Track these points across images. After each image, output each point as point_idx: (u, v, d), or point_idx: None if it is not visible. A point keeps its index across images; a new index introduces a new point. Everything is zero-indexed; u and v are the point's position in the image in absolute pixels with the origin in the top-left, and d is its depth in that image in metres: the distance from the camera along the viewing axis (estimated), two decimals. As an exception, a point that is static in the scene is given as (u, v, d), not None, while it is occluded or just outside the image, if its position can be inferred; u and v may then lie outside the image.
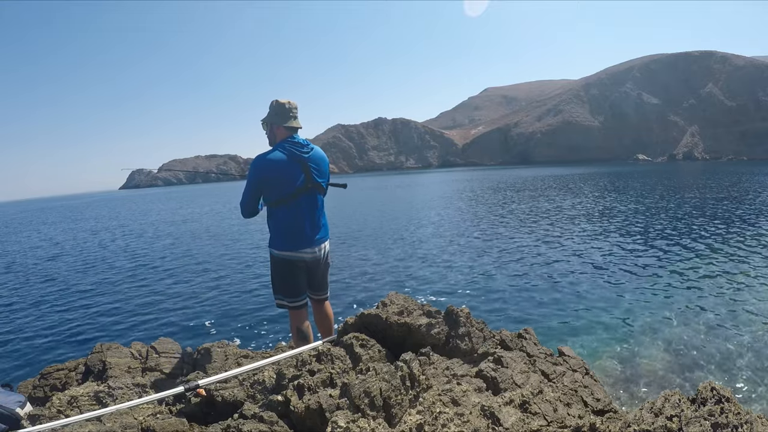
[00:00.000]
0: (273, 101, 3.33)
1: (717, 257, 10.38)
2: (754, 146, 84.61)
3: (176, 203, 50.72)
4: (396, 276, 10.37)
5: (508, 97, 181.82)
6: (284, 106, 3.27)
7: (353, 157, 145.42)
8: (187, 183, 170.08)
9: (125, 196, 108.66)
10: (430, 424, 2.13)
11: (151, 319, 8.28)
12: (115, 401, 2.69)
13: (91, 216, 41.38)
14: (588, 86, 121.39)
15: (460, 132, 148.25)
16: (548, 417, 2.32)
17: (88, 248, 18.69)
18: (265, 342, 6.74)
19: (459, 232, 16.15)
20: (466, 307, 3.11)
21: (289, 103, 3.29)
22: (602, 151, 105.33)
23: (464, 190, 37.63)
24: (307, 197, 3.25)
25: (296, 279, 3.30)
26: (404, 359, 2.41)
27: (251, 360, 3.54)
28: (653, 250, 11.45)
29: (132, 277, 12.22)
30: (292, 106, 3.29)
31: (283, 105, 3.28)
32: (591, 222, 16.66)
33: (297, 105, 3.33)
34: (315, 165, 3.26)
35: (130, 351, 3.85)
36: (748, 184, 28.89)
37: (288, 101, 3.30)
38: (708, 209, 18.17)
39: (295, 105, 3.30)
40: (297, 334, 3.37)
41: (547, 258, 11.24)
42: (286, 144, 3.20)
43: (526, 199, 26.55)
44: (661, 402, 2.24)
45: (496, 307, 7.83)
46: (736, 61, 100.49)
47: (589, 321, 6.95)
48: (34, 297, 10.74)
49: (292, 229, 3.23)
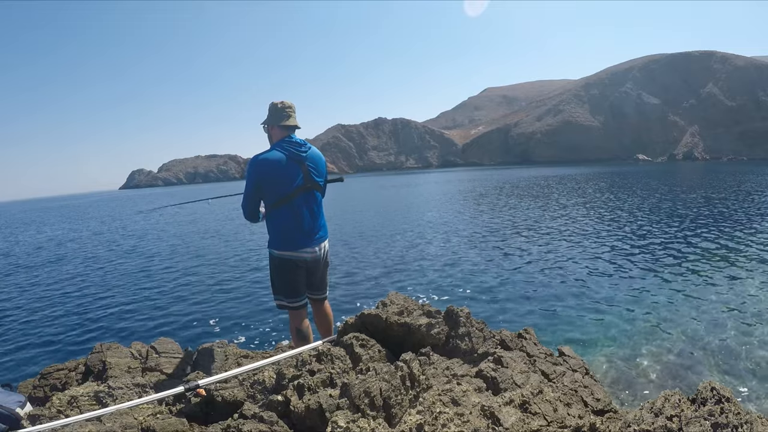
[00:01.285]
0: (270, 103, 3.35)
1: (717, 257, 10.38)
2: (754, 146, 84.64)
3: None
4: (396, 276, 10.37)
5: (508, 97, 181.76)
6: (278, 106, 3.29)
7: (353, 157, 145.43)
8: (187, 183, 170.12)
9: (126, 196, 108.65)
10: (430, 424, 2.13)
11: (151, 319, 8.28)
12: (115, 401, 2.69)
13: (92, 216, 41.38)
14: (588, 86, 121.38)
15: (460, 132, 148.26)
16: (548, 417, 2.32)
17: (89, 248, 18.69)
18: (265, 342, 6.74)
19: (459, 232, 16.15)
20: (466, 307, 3.12)
21: (282, 103, 3.30)
22: (602, 151, 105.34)
23: (464, 190, 37.63)
24: (306, 197, 3.25)
25: (296, 279, 3.30)
26: (404, 359, 2.41)
27: (251, 360, 3.54)
28: (653, 250, 11.45)
29: (132, 277, 12.22)
30: (285, 105, 3.30)
31: (276, 105, 3.30)
32: (591, 222, 16.66)
33: (292, 104, 3.33)
34: (313, 164, 3.26)
35: (130, 351, 3.85)
36: (748, 184, 28.88)
37: (282, 101, 3.32)
38: (709, 209, 18.17)
39: (289, 104, 3.31)
40: (297, 335, 3.37)
41: (547, 258, 11.24)
42: (284, 143, 3.20)
43: (526, 199, 26.55)
44: (661, 402, 2.24)
45: (496, 307, 7.83)
46: (736, 61, 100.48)
47: (590, 321, 6.95)
48: (34, 297, 10.74)
49: (292, 229, 3.23)
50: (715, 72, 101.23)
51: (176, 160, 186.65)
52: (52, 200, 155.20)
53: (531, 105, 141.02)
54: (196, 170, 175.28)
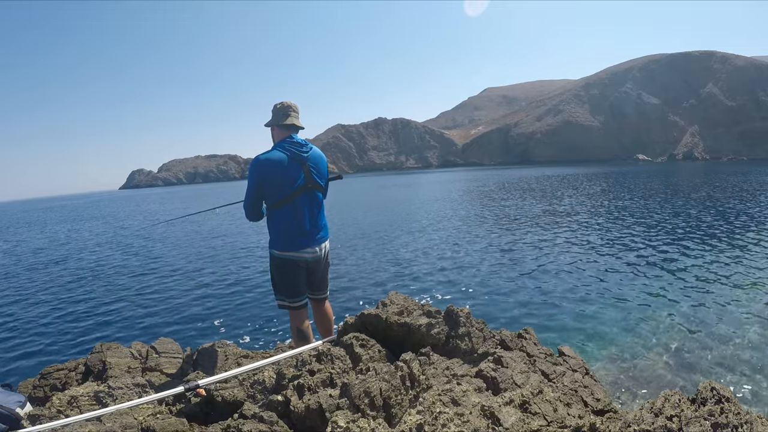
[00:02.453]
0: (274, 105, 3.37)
1: (717, 257, 10.38)
2: (754, 146, 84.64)
3: (177, 204, 50.69)
4: (396, 276, 10.37)
5: (508, 97, 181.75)
6: (278, 107, 3.30)
7: (353, 157, 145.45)
8: (187, 183, 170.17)
9: (126, 195, 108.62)
10: (430, 424, 2.13)
11: (151, 319, 8.28)
12: (115, 401, 2.69)
13: (92, 216, 41.37)
14: (588, 86, 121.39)
15: (460, 132, 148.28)
16: (548, 417, 2.32)
17: (89, 248, 18.69)
18: (265, 342, 6.74)
19: (459, 231, 16.15)
20: (466, 307, 3.12)
21: (283, 104, 3.30)
22: (602, 151, 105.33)
23: (464, 190, 37.63)
24: (307, 197, 3.25)
25: (297, 279, 3.30)
26: (404, 359, 2.41)
27: (251, 360, 3.54)
28: (653, 250, 11.45)
29: (132, 277, 12.22)
30: (285, 105, 3.30)
31: (277, 106, 3.31)
32: (591, 222, 16.66)
33: (294, 105, 3.32)
34: (314, 165, 3.26)
35: (130, 351, 3.85)
36: (749, 184, 28.88)
37: (283, 102, 3.32)
38: (709, 209, 18.17)
39: (289, 104, 3.30)
40: (297, 335, 3.37)
41: (547, 258, 11.24)
42: (285, 144, 3.20)
43: (527, 199, 26.55)
44: (661, 402, 2.24)
45: (496, 307, 7.83)
46: (736, 61, 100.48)
47: (590, 321, 6.95)
48: (34, 297, 10.74)
49: (293, 230, 3.22)
50: (715, 72, 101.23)
51: (176, 160, 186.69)
52: (52, 200, 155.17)
53: (531, 105, 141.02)
54: (196, 170, 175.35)
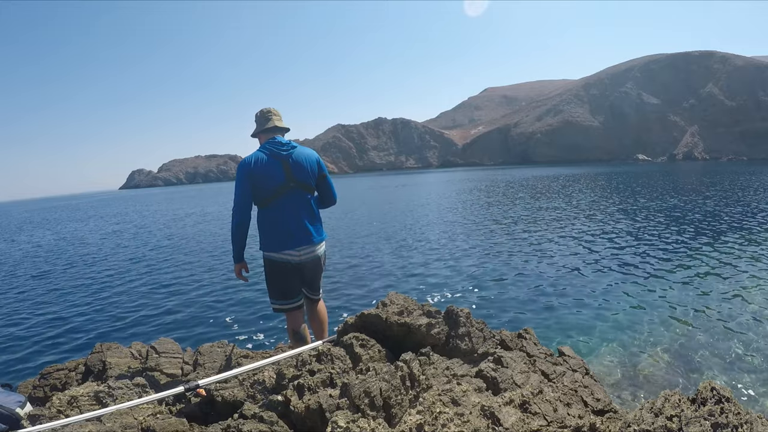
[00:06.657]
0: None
1: (717, 257, 10.38)
2: (754, 146, 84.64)
3: (178, 204, 50.71)
4: (396, 276, 10.37)
5: (508, 97, 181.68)
6: (258, 115, 3.39)
7: (353, 157, 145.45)
8: (187, 183, 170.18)
9: (126, 195, 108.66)
10: (430, 424, 2.13)
11: (151, 319, 8.28)
12: (115, 401, 2.69)
13: (92, 216, 41.38)
14: (588, 86, 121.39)
15: (460, 132, 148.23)
16: (548, 417, 2.32)
17: (89, 248, 18.69)
18: (265, 342, 6.74)
19: (459, 231, 16.15)
20: (466, 307, 3.12)
21: (262, 111, 3.39)
22: (602, 151, 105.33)
23: (464, 190, 37.63)
24: (292, 197, 3.22)
25: (286, 280, 3.27)
26: (404, 359, 2.41)
27: (251, 360, 3.53)
28: (653, 250, 11.45)
29: (132, 277, 12.22)
30: (265, 111, 3.37)
31: (257, 114, 3.40)
32: (591, 222, 16.66)
33: (274, 109, 3.40)
34: (295, 162, 3.23)
35: (130, 351, 3.85)
36: (749, 184, 28.88)
37: (262, 109, 3.40)
38: (709, 209, 18.17)
39: (269, 109, 3.37)
40: (293, 337, 3.36)
41: (547, 258, 11.24)
42: (267, 144, 3.25)
43: (527, 199, 26.55)
44: (661, 402, 2.24)
45: (496, 307, 7.82)
46: (736, 61, 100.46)
47: (590, 321, 6.95)
48: (34, 297, 10.74)
49: (277, 230, 3.20)
50: (715, 72, 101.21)
51: (176, 160, 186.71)
52: (52, 200, 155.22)
53: (531, 105, 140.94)
54: (196, 170, 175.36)
